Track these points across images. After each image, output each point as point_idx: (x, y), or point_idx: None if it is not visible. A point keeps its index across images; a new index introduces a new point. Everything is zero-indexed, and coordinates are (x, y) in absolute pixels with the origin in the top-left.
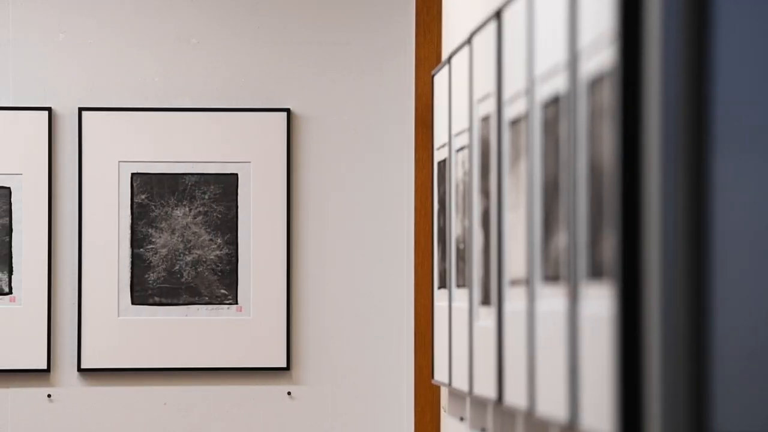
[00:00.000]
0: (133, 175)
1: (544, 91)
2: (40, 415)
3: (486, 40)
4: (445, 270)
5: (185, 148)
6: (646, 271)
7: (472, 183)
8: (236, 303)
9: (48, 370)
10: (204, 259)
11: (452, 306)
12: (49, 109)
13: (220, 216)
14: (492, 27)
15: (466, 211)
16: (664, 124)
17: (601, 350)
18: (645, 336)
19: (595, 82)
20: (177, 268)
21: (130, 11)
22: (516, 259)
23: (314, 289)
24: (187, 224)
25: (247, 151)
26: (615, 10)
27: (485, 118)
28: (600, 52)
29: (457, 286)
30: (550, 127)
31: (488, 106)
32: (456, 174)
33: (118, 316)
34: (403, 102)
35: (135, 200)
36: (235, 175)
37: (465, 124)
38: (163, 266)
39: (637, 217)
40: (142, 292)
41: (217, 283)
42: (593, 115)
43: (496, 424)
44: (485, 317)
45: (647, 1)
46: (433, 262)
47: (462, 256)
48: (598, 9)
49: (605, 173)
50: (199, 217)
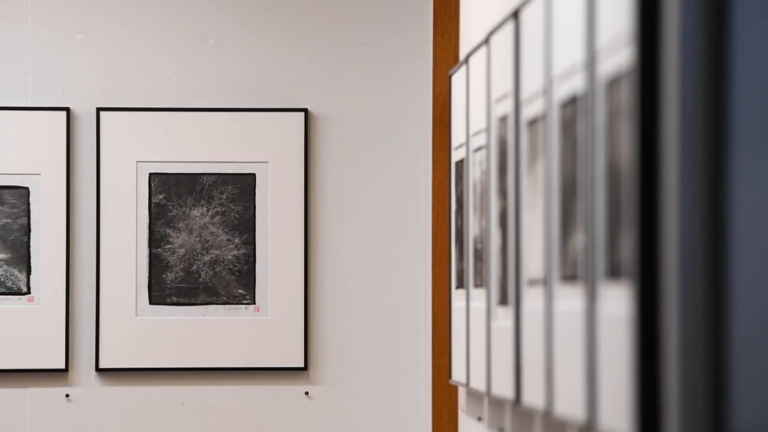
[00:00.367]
0: (151, 175)
1: (562, 91)
2: (59, 415)
3: (504, 40)
4: (462, 270)
5: (203, 148)
6: (664, 271)
7: (489, 183)
8: (254, 303)
9: (66, 370)
10: (222, 259)
11: (470, 306)
12: (68, 110)
13: (237, 216)
14: (510, 27)
15: (483, 211)
16: (682, 124)
17: (619, 350)
18: (663, 336)
19: (613, 82)
20: (195, 268)
21: (148, 12)
22: (534, 259)
23: (332, 289)
24: (204, 224)
25: (265, 151)
26: (633, 10)
27: (503, 118)
28: (618, 52)
29: (475, 286)
30: (568, 127)
31: (506, 106)
32: (473, 174)
33: (136, 315)
34: (421, 102)
35: (153, 200)
36: (253, 175)
37: (483, 124)
38: (181, 266)
39: (655, 217)
40: (160, 292)
41: (234, 283)
42: (611, 115)
43: (513, 425)
44: (503, 317)
45: (665, 1)
46: (450, 262)
47: (480, 256)
48: (615, 9)
49: (623, 173)
50: (217, 217)
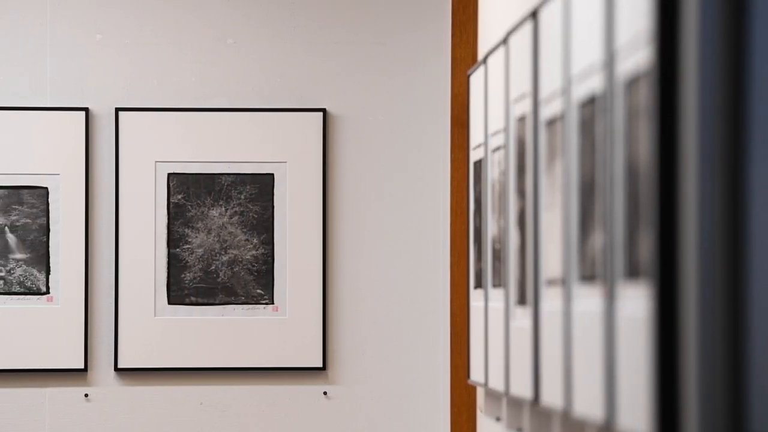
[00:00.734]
0: (170, 175)
1: (581, 91)
2: (78, 415)
3: (522, 39)
4: (481, 270)
5: (221, 148)
6: (683, 271)
7: (508, 183)
8: (272, 303)
9: (85, 370)
10: (240, 259)
11: (488, 306)
12: (87, 110)
13: (256, 216)
14: (528, 27)
15: (502, 211)
16: (701, 124)
17: (638, 350)
18: (682, 336)
19: (632, 82)
20: (213, 267)
21: (167, 12)
22: (552, 259)
23: (350, 289)
24: (223, 224)
25: (283, 151)
26: (652, 10)
27: (521, 118)
28: (637, 52)
29: (493, 286)
30: (587, 127)
31: (524, 106)
32: (492, 174)
33: (155, 315)
34: (439, 102)
35: (171, 200)
36: (271, 175)
37: (501, 124)
38: (200, 266)
39: (674, 217)
40: (179, 292)
41: (253, 282)
42: (630, 115)
43: (532, 425)
44: (521, 317)
45: (684, 1)
46: (468, 262)
47: (498, 256)
48: (634, 8)
49: (642, 173)
50: (235, 217)
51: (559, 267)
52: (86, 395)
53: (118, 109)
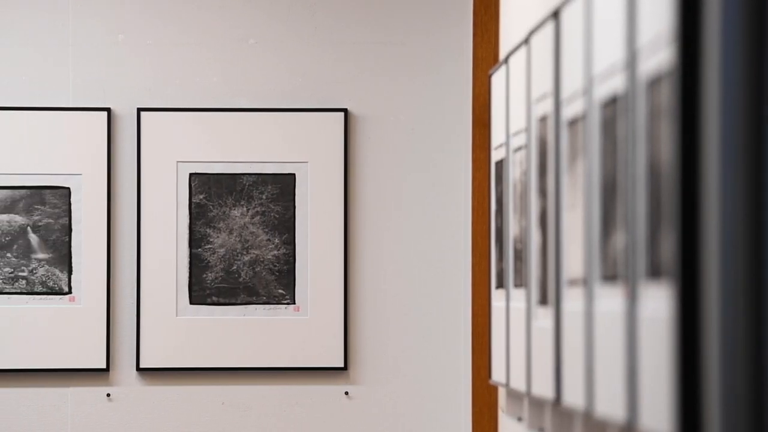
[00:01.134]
0: (191, 175)
1: (602, 91)
2: (100, 414)
3: (544, 39)
4: (502, 270)
5: (243, 148)
6: (705, 271)
7: (529, 183)
8: (294, 303)
9: (107, 370)
10: (261, 259)
11: (510, 306)
12: (108, 110)
13: (277, 216)
14: (550, 27)
15: (523, 211)
16: (723, 124)
17: (660, 350)
18: (704, 336)
19: (654, 82)
20: (235, 267)
21: (188, 12)
22: (574, 259)
23: (371, 289)
24: (244, 224)
25: (305, 151)
26: (674, 9)
27: (543, 118)
28: (659, 52)
29: (515, 286)
30: (609, 127)
31: (546, 106)
32: (513, 174)
33: (177, 315)
34: (461, 102)
35: (193, 200)
36: (293, 175)
37: (522, 124)
38: (221, 266)
39: (696, 217)
40: (200, 292)
41: (274, 282)
42: (652, 115)
43: (554, 425)
44: (543, 317)
45: (706, 0)
46: (490, 262)
47: (519, 256)
48: (656, 8)
49: (664, 173)
50: (257, 217)
51: (581, 267)
52: (108, 395)
53: (140, 110)
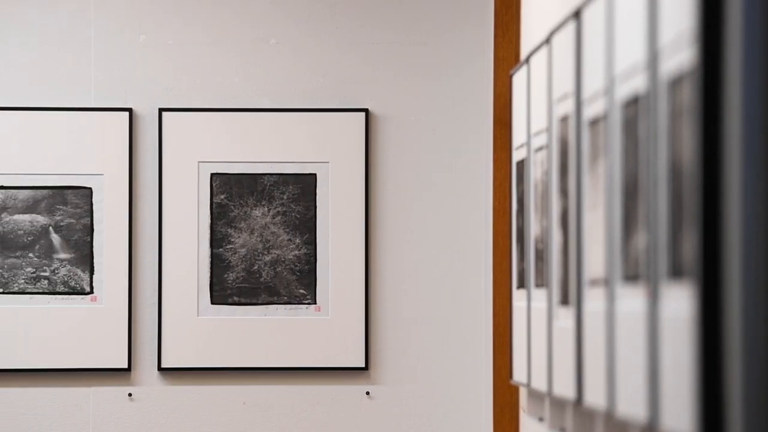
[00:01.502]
0: (213, 176)
1: (624, 91)
2: (121, 414)
3: (565, 39)
4: (523, 270)
5: (264, 149)
6: (727, 271)
7: (550, 183)
8: (315, 303)
9: (129, 370)
10: (283, 259)
11: (531, 306)
12: (130, 110)
13: (298, 216)
14: (571, 26)
15: (544, 211)
16: (745, 124)
17: (682, 350)
18: (726, 336)
19: (676, 82)
20: (256, 267)
21: (210, 13)
22: (595, 259)
23: (392, 289)
24: (265, 224)
25: (326, 152)
26: (695, 9)
27: (564, 118)
28: (680, 52)
29: (536, 286)
30: (630, 127)
31: (567, 106)
32: (535, 174)
33: (198, 315)
34: (482, 102)
35: (214, 200)
36: (314, 175)
37: (544, 124)
38: (242, 266)
39: (718, 217)
40: (222, 292)
41: (295, 282)
42: (673, 115)
43: (575, 425)
44: (564, 317)
45: (728, 0)
46: (511, 262)
47: (541, 256)
48: (678, 8)
49: (685, 173)
50: (278, 217)
51: (602, 267)
52: (130, 395)
53: (161, 110)
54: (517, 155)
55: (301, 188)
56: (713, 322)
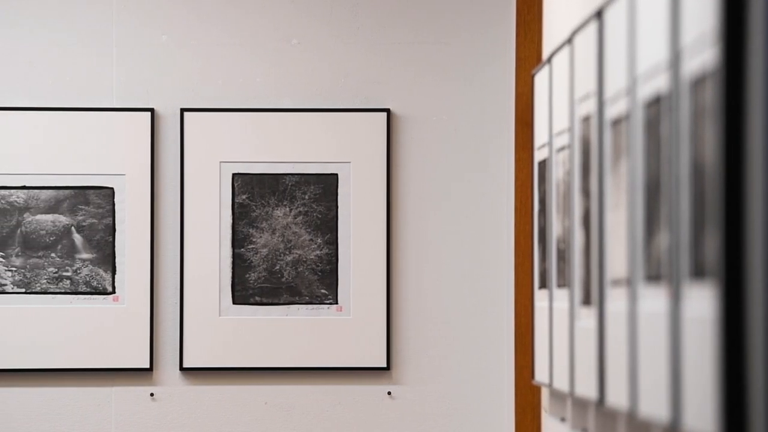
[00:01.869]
0: (234, 176)
1: (646, 91)
2: (143, 414)
3: (587, 39)
4: (545, 270)
5: (286, 149)
6: (749, 271)
7: (572, 183)
8: (336, 303)
9: (150, 369)
10: (304, 259)
11: (553, 306)
12: (152, 110)
13: (320, 216)
14: (593, 26)
15: (566, 211)
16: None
17: (704, 351)
18: (748, 336)
19: (698, 82)
20: (277, 267)
21: (231, 13)
22: (617, 259)
23: (414, 289)
24: (287, 224)
25: (347, 152)
26: (718, 9)
27: (586, 118)
28: (703, 52)
29: (558, 287)
30: (652, 127)
31: (589, 106)
32: (556, 174)
33: (219, 315)
34: (504, 102)
35: (236, 200)
36: (335, 175)
37: (566, 124)
38: (264, 266)
39: (740, 217)
40: (243, 292)
41: (317, 282)
42: (696, 115)
43: (597, 425)
44: (586, 317)
45: (750, 0)
46: (533, 262)
47: (563, 256)
48: (700, 8)
49: (708, 173)
50: (300, 217)
51: (624, 267)
52: (152, 394)
53: (183, 110)
54: (539, 155)
55: (323, 188)
56: (735, 323)
